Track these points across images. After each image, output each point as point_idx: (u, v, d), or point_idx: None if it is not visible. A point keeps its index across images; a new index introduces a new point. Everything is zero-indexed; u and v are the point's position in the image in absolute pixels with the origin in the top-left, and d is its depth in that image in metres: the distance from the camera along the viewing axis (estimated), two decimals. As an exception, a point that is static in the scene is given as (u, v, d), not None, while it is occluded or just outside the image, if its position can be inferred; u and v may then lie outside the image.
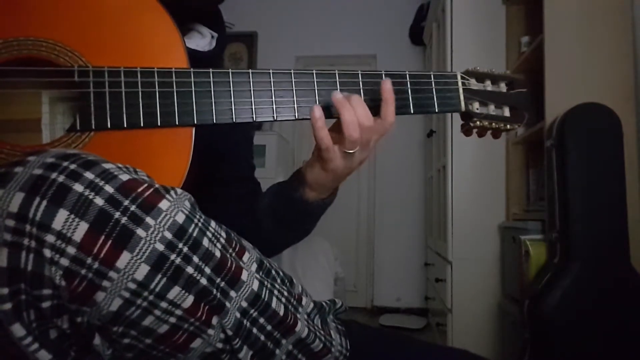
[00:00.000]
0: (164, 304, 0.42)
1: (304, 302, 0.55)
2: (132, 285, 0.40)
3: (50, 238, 0.39)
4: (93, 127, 0.54)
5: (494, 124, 0.69)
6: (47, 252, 0.39)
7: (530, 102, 0.72)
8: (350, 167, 0.61)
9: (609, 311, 1.14)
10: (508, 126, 0.70)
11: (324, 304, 0.58)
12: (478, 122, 0.69)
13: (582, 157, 1.20)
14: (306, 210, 0.67)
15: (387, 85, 0.61)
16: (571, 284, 1.15)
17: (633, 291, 1.15)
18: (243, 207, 0.76)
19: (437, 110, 0.66)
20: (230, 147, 0.81)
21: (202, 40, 0.78)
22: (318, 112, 0.58)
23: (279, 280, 0.53)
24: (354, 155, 0.60)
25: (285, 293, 0.52)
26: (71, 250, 0.39)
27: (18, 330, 0.40)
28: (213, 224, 0.47)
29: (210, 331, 0.45)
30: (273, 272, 0.53)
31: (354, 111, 0.58)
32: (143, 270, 0.41)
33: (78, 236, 0.39)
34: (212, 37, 0.80)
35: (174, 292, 0.42)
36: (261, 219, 0.70)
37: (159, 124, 0.56)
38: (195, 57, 0.63)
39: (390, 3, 3.26)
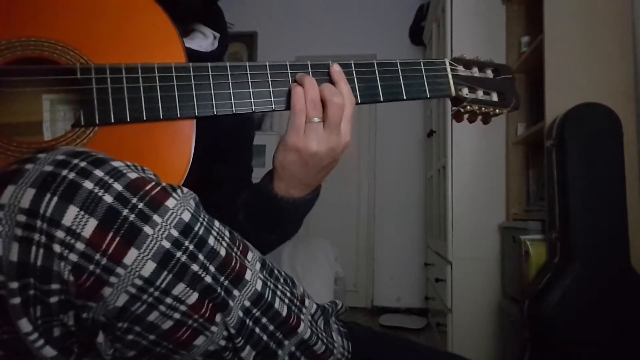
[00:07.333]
0: (168, 300, 0.43)
1: (306, 303, 0.55)
2: (139, 282, 0.41)
3: (60, 234, 0.39)
4: (97, 122, 0.55)
5: (483, 108, 0.72)
6: (57, 248, 0.39)
7: (515, 88, 0.75)
8: (312, 152, 0.58)
9: (609, 311, 1.15)
10: (497, 110, 0.72)
11: (326, 305, 0.58)
12: (468, 107, 0.71)
13: (582, 157, 1.21)
14: (277, 205, 0.63)
15: (336, 68, 0.62)
16: (571, 284, 1.16)
17: (633, 291, 1.15)
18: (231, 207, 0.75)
19: (428, 96, 0.68)
20: (232, 147, 0.81)
21: (205, 40, 0.79)
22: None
23: (281, 281, 0.53)
24: (317, 133, 0.58)
25: (288, 294, 0.53)
26: (80, 246, 0.39)
27: (25, 325, 0.40)
28: (217, 223, 0.48)
29: (214, 328, 0.46)
30: (276, 272, 0.53)
31: (304, 85, 0.59)
32: (149, 267, 0.41)
33: (87, 232, 0.40)
34: (215, 37, 0.81)
35: (179, 288, 0.43)
36: (236, 213, 0.68)
37: (161, 117, 0.57)
38: (199, 58, 0.63)
39: (390, 3, 3.26)
